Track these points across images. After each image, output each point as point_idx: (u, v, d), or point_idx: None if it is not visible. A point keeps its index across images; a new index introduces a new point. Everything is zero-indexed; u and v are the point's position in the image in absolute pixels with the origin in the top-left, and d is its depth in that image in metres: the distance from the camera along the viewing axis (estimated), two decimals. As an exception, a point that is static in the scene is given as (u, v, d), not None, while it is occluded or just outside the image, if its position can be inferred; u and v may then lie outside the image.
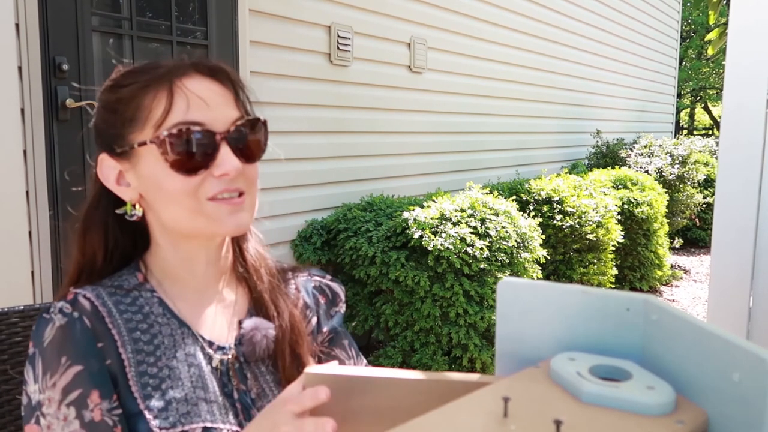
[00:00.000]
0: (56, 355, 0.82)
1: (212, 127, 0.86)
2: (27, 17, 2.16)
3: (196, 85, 0.87)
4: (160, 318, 0.90)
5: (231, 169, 0.85)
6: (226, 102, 0.89)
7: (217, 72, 0.90)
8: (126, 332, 0.87)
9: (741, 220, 1.78)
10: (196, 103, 0.86)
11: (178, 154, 0.84)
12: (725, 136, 1.81)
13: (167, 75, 0.87)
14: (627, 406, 0.49)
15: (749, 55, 1.74)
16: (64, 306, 0.85)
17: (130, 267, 0.94)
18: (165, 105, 0.85)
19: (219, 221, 0.87)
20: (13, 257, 2.11)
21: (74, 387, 0.81)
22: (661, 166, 6.06)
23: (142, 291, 0.91)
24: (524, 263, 3.34)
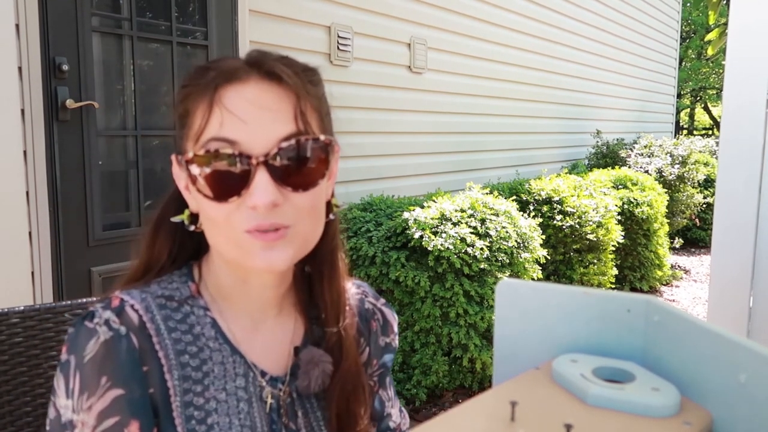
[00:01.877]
0: (96, 375, 0.74)
1: (248, 148, 0.72)
2: (27, 18, 2.16)
3: (244, 93, 0.74)
4: (211, 342, 0.80)
5: (260, 203, 0.72)
6: (279, 114, 0.74)
7: (277, 75, 0.76)
8: (174, 355, 0.78)
9: (741, 220, 1.78)
10: (232, 118, 0.73)
11: (206, 177, 0.74)
12: (725, 135, 1.81)
13: (214, 80, 0.75)
14: (633, 408, 0.49)
15: (749, 54, 1.74)
16: (111, 318, 0.76)
17: (182, 273, 0.85)
18: (203, 117, 0.75)
19: (251, 255, 0.75)
20: (13, 257, 2.11)
21: (112, 413, 0.73)
22: (661, 166, 6.06)
23: (194, 307, 0.82)
24: (524, 263, 3.34)
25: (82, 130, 2.39)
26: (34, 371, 1.10)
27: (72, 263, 2.37)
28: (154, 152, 2.73)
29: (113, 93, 2.59)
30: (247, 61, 0.77)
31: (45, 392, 1.11)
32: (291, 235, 0.75)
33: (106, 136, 2.55)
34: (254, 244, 0.74)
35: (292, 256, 0.76)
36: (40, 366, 1.11)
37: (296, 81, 0.76)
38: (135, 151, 2.64)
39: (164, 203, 0.86)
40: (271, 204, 0.72)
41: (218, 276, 0.83)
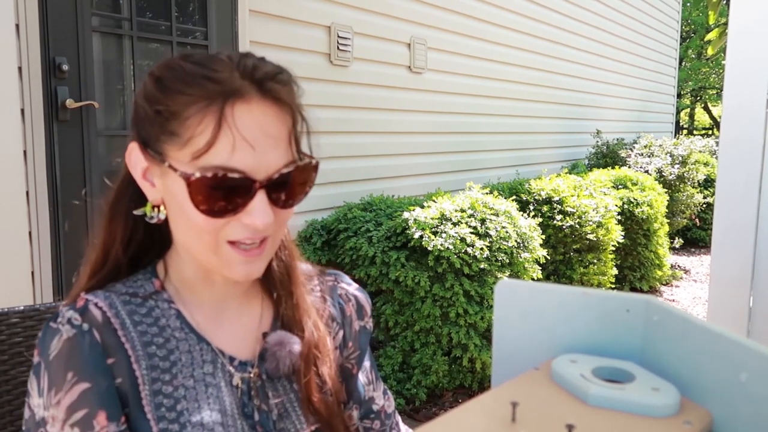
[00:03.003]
0: (62, 371, 0.76)
1: (252, 175, 0.74)
2: (27, 18, 2.16)
3: (250, 117, 0.74)
4: (177, 332, 0.83)
5: (260, 223, 0.75)
6: (278, 142, 0.76)
7: (279, 97, 0.77)
8: (141, 346, 0.80)
9: (741, 220, 1.78)
10: (241, 145, 0.74)
11: (208, 197, 0.75)
12: (725, 135, 1.81)
13: (221, 96, 0.74)
14: (633, 408, 0.49)
15: (749, 54, 1.74)
16: (73, 316, 0.79)
17: (146, 271, 0.87)
18: (209, 138, 0.73)
19: (230, 267, 0.79)
20: (13, 257, 2.11)
21: (80, 406, 0.76)
22: (661, 166, 6.06)
23: (158, 301, 0.84)
24: (524, 263, 3.34)
25: (82, 130, 2.39)
26: (34, 371, 1.10)
27: (72, 263, 2.37)
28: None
29: (113, 93, 2.59)
30: (244, 73, 0.76)
31: (45, 392, 1.11)
32: (269, 248, 0.80)
33: (106, 136, 2.55)
34: (235, 257, 0.78)
35: (266, 263, 0.82)
36: (40, 366, 1.11)
37: (293, 101, 0.79)
38: (135, 151, 2.64)
39: (114, 192, 0.86)
40: (270, 225, 0.76)
41: (182, 270, 0.86)
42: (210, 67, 0.76)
